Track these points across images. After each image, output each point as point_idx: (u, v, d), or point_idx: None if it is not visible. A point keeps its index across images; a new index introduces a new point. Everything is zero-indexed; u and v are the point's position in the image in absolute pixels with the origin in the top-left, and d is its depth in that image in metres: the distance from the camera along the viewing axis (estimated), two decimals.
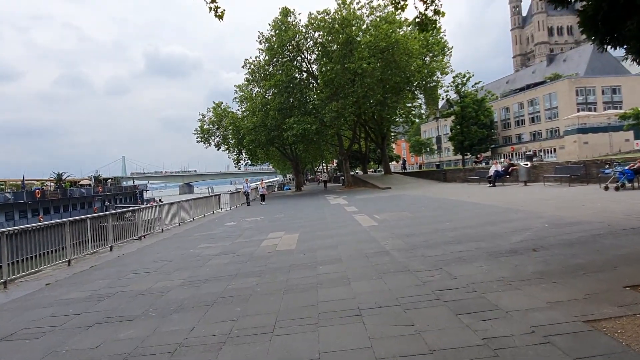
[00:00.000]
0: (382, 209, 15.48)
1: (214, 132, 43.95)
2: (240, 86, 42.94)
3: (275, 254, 8.13)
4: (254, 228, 13.36)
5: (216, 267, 7.45)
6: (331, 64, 31.79)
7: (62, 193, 51.28)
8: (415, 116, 46.38)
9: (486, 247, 6.77)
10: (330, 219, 13.69)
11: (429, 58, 37.00)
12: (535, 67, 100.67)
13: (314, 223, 13.07)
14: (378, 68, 31.80)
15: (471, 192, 19.60)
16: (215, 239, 11.47)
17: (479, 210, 11.75)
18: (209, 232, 13.57)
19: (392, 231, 9.59)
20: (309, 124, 32.08)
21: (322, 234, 10.43)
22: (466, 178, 29.24)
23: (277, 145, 43.64)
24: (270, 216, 17.14)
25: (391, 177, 40.73)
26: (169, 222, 16.92)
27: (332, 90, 32.23)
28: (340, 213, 15.44)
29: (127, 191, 69.95)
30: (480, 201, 14.33)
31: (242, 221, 16.22)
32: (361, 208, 16.66)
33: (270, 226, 13.45)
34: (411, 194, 22.37)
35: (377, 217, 12.84)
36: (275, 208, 21.83)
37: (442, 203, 15.35)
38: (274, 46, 34.52)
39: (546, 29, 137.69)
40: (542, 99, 76.91)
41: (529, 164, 19.80)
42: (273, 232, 11.80)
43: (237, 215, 19.11)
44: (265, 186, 30.03)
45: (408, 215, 12.61)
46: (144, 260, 9.10)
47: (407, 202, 17.38)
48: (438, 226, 9.63)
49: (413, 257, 6.58)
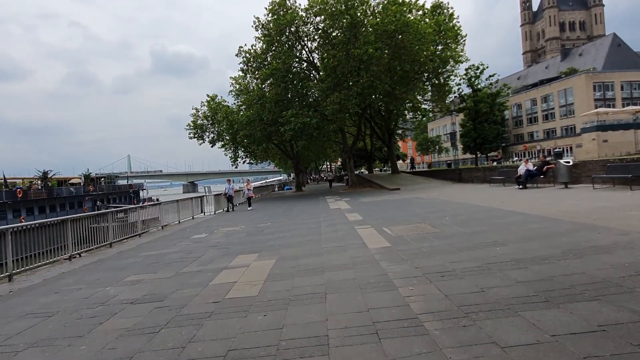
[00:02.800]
0: (393, 218, 12.08)
1: (208, 128, 40.55)
2: (236, 78, 39.41)
3: (218, 311, 4.72)
4: (222, 245, 9.99)
5: (102, 340, 4.09)
6: (333, 50, 28.38)
7: (47, 192, 48.19)
8: (425, 111, 42.85)
9: (616, 315, 3.36)
10: (326, 234, 10.29)
11: (442, 46, 33.46)
12: (549, 62, 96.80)
13: (302, 240, 9.67)
14: (386, 55, 28.37)
15: (500, 195, 16.12)
16: (159, 265, 8.12)
17: (535, 226, 8.29)
18: (163, 250, 10.17)
19: (414, 262, 6.20)
20: (309, 118, 28.70)
21: (309, 262, 7.04)
22: (486, 178, 25.72)
23: (276, 141, 40.28)
24: (253, 226, 13.75)
25: (399, 176, 37.26)
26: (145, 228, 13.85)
27: (334, 80, 28.82)
28: (340, 223, 12.03)
29: (122, 190, 66.85)
30: (523, 209, 10.87)
31: (215, 232, 12.86)
32: (366, 216, 13.26)
33: (245, 242, 10.07)
34: (425, 197, 18.92)
35: (389, 231, 9.44)
36: (263, 214, 18.41)
37: (470, 211, 11.89)
38: (271, 33, 31.11)
39: (558, 24, 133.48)
40: (557, 95, 73.07)
41: (571, 161, 16.30)
42: (243, 254, 8.43)
43: (215, 224, 15.72)
44: (251, 187, 25.41)
45: (430, 229, 9.19)
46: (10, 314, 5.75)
47: (423, 208, 13.94)
48: (485, 253, 6.24)
49: (476, 343, 3.19)
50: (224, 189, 23.09)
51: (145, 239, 13.05)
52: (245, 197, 24.85)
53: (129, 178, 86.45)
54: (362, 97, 29.02)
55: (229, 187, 22.93)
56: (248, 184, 25.07)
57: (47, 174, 51.94)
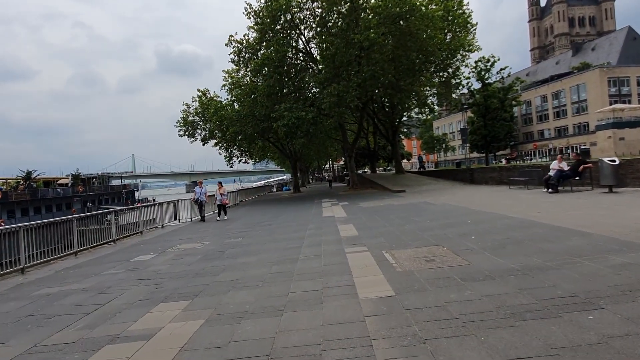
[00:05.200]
0: (398, 234, 9.14)
1: (199, 125, 37.52)
2: (230, 72, 36.20)
3: None
4: (156, 278, 7.06)
5: None
6: (331, 37, 25.45)
7: (31, 193, 45.47)
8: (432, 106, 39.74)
9: None
10: (304, 261, 7.35)
11: (451, 34, 30.37)
12: (560, 58, 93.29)
13: (267, 273, 6.74)
14: (389, 42, 25.40)
15: (530, 202, 13.13)
16: (33, 321, 5.22)
17: (618, 258, 5.33)
18: (71, 285, 7.19)
19: (439, 347, 3.28)
20: (304, 112, 25.77)
21: (254, 331, 4.11)
22: (503, 179, 22.71)
23: (272, 139, 37.32)
24: (219, 242, 10.79)
25: (404, 177, 34.24)
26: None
27: (332, 71, 25.87)
28: (327, 242, 9.09)
29: (114, 191, 63.96)
30: (577, 225, 7.90)
31: (167, 252, 9.94)
32: (364, 229, 10.32)
33: (188, 275, 7.12)
34: (435, 203, 15.93)
35: (391, 259, 6.53)
36: (241, 223, 15.33)
37: (501, 226, 8.92)
38: (264, 20, 28.16)
39: (567, 20, 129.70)
40: (569, 91, 69.64)
41: (617, 160, 13.26)
42: (169, 301, 5.53)
43: (177, 237, 12.75)
44: (225, 192, 18.69)
45: (452, 258, 6.26)
46: None
47: (436, 219, 10.98)
48: (571, 329, 3.31)
49: None
50: (194, 194, 18.22)
51: (89, 256, 10.18)
52: (216, 204, 18.49)
53: (135, 178, 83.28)
54: (363, 89, 26.04)
55: (200, 190, 18.03)
56: (220, 187, 18.56)
57: (30, 174, 49.15)
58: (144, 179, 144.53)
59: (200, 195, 17.92)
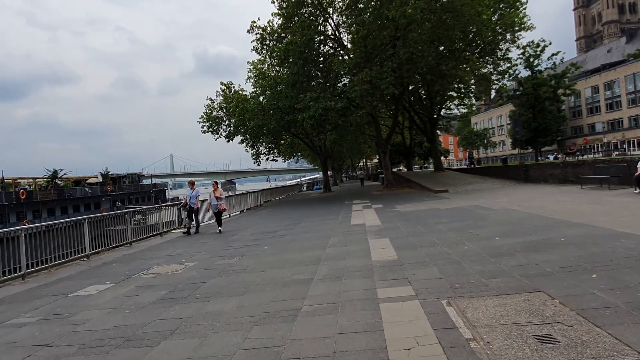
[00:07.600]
0: (457, 260, 6.14)
1: (223, 120, 35.05)
2: (255, 63, 33.59)
3: None
4: (47, 352, 4.41)
5: None
6: (363, 16, 22.45)
7: (57, 193, 44.64)
8: (477, 94, 36.01)
9: None
10: (308, 323, 4.51)
11: (499, 11, 26.66)
12: (611, 45, 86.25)
13: (235, 356, 3.93)
14: (429, 20, 22.11)
15: (625, 207, 9.79)
16: None
17: None
18: None
19: None
20: (332, 102, 22.88)
21: None
22: (567, 177, 19.09)
23: (301, 134, 34.46)
24: (204, 266, 7.93)
25: (445, 175, 30.80)
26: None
27: (363, 55, 22.86)
28: (352, 274, 6.18)
29: (143, 190, 63.09)
30: None
31: (125, 282, 7.22)
32: (405, 250, 7.34)
33: (119, 337, 4.44)
34: (492, 207, 12.69)
35: (461, 323, 3.58)
36: (248, 234, 12.43)
37: (623, 251, 5.77)
38: (289, 4, 25.44)
39: (617, 6, 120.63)
40: (624, 81, 63.58)
41: None
42: None
43: (161, 254, 9.99)
44: (222, 196, 13.86)
45: (579, 324, 3.26)
46: None
47: (508, 235, 7.86)
48: None
49: None
50: (185, 197, 14.24)
51: (31, 284, 7.69)
52: (212, 212, 13.95)
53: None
54: (399, 75, 22.87)
55: (191, 193, 13.80)
56: (215, 189, 14.01)
57: (56, 173, 48.47)
58: (181, 178, 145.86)
59: (190, 198, 13.74)
